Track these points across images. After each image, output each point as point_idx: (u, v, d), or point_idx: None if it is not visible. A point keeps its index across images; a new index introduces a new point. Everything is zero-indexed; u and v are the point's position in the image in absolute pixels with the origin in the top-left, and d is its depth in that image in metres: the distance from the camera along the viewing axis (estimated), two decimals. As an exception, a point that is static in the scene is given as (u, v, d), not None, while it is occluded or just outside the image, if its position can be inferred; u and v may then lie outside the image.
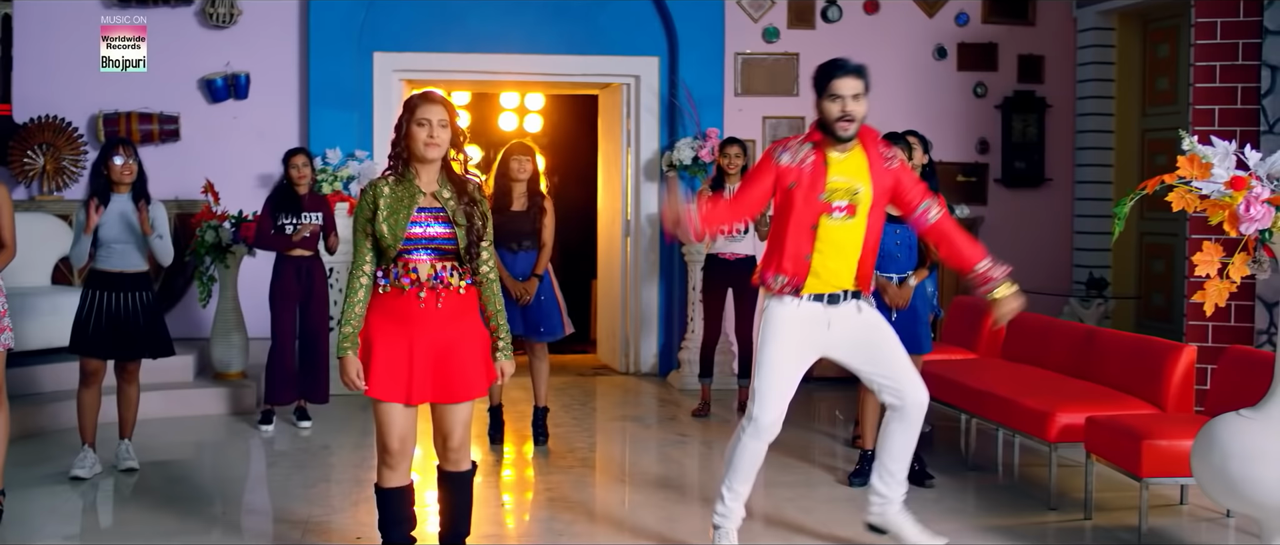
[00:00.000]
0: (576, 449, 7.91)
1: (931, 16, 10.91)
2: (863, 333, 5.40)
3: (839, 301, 5.33)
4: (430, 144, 4.68)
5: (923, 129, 10.71)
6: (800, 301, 5.31)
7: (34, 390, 8.37)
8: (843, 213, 5.22)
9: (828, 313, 5.32)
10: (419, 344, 4.72)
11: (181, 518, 6.25)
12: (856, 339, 5.40)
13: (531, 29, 10.45)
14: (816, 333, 5.34)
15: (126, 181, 6.85)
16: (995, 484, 7.11)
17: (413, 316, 4.71)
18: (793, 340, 5.34)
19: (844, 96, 5.16)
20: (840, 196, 5.21)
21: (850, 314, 5.36)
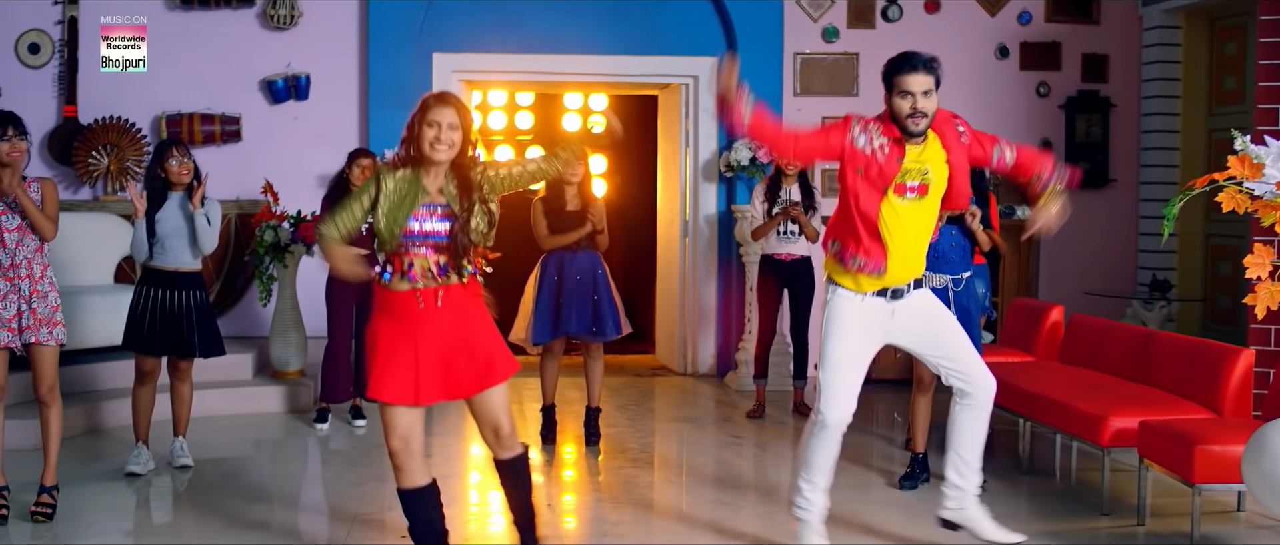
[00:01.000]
0: (628, 450, 7.89)
1: (994, 15, 10.79)
2: (925, 320, 5.36)
3: (903, 295, 5.29)
4: (437, 144, 4.70)
5: (985, 129, 10.52)
6: (864, 297, 5.27)
7: (93, 387, 8.49)
8: (914, 193, 5.15)
9: (892, 306, 5.29)
10: (424, 343, 4.73)
11: (232, 514, 6.32)
12: (920, 328, 5.36)
13: (590, 29, 10.45)
14: (881, 325, 5.31)
15: (183, 181, 6.92)
16: (1050, 489, 7.01)
17: (415, 316, 4.73)
18: (856, 335, 5.31)
19: (914, 93, 5.12)
20: (912, 177, 5.15)
21: (912, 305, 5.32)
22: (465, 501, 6.69)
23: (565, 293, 7.62)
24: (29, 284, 5.95)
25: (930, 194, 5.19)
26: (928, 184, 5.17)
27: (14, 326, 5.91)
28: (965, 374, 5.38)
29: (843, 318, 5.29)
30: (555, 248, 7.65)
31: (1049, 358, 8.10)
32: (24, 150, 5.94)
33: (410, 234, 4.71)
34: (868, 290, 5.26)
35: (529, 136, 13.30)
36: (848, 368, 5.29)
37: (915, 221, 5.20)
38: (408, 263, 4.72)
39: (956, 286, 6.73)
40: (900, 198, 5.15)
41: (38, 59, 9.96)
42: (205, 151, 10.03)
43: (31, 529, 5.97)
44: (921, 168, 5.16)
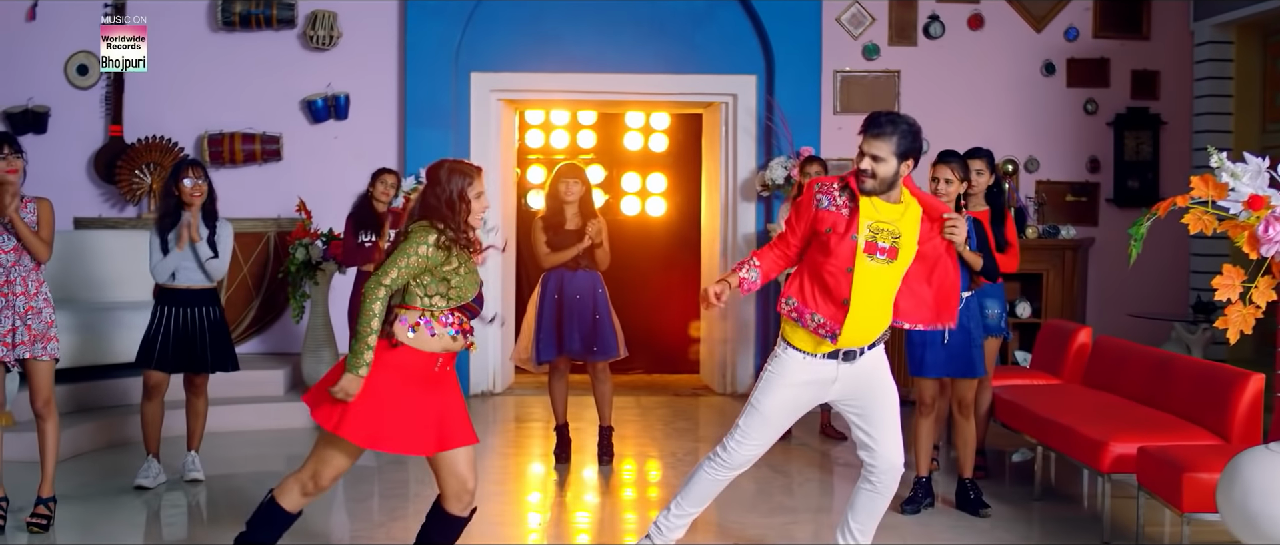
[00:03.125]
0: (642, 470, 7.86)
1: (1039, 31, 10.60)
2: (867, 384, 5.25)
3: (854, 358, 5.18)
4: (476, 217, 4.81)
5: (1030, 148, 10.51)
6: (812, 359, 5.17)
7: (126, 401, 8.63)
8: (884, 255, 5.07)
9: (837, 369, 5.18)
10: (426, 400, 4.78)
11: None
12: (857, 388, 5.26)
13: (629, 48, 10.45)
14: (822, 386, 5.24)
15: (196, 202, 7.01)
16: (1058, 515, 6.84)
17: (427, 377, 4.78)
18: (792, 394, 5.25)
19: (865, 153, 5.06)
20: (884, 238, 5.07)
21: (860, 370, 5.21)
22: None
23: (566, 311, 7.61)
24: (24, 301, 6.07)
25: (898, 261, 5.10)
26: (897, 249, 5.08)
27: (8, 342, 6.03)
28: (875, 449, 5.28)
29: (784, 375, 5.22)
30: (553, 266, 7.64)
31: (1074, 381, 7.92)
32: (20, 168, 6.06)
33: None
34: (821, 352, 5.15)
35: (591, 156, 13.31)
36: (773, 422, 5.28)
37: (881, 285, 5.11)
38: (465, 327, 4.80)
39: (957, 307, 6.59)
40: (870, 258, 5.06)
41: (86, 80, 10.20)
42: (246, 170, 10.21)
43: (28, 539, 6.09)
44: (894, 231, 5.08)
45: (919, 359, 6.65)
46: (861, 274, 5.05)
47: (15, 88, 10.14)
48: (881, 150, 5.03)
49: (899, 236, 5.07)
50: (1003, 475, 7.69)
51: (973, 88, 10.57)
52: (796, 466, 7.96)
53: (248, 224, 9.58)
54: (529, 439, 8.78)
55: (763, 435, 5.29)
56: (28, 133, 10.12)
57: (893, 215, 5.10)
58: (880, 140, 5.03)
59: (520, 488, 7.54)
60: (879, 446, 5.28)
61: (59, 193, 9.80)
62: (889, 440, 5.28)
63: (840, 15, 10.49)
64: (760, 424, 5.27)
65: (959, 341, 6.58)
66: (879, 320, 5.16)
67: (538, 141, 13.16)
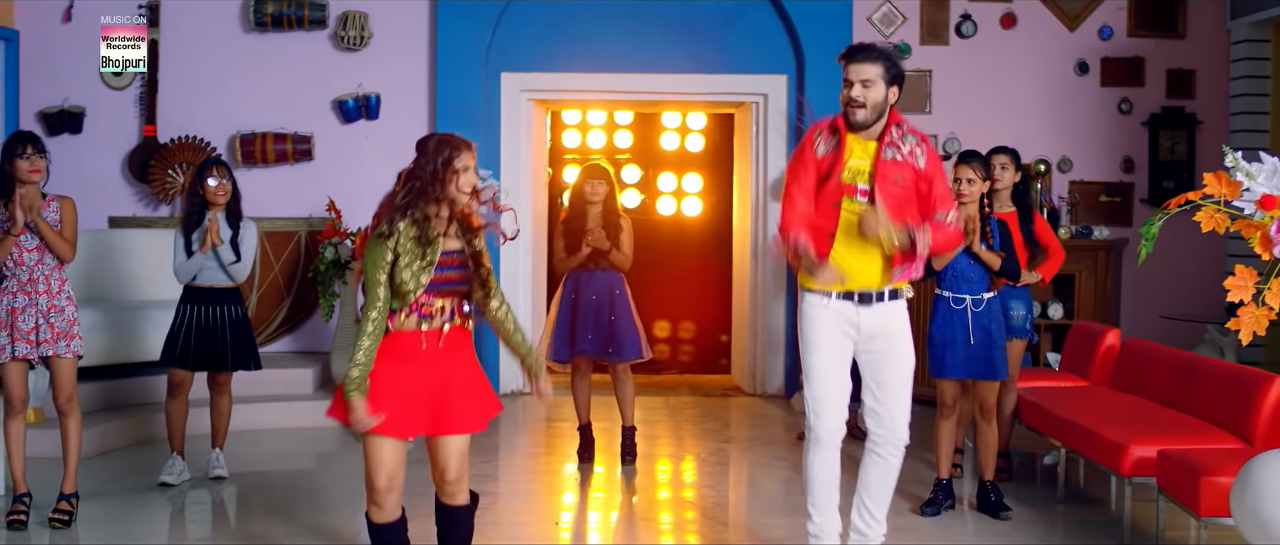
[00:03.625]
0: (663, 470, 7.86)
1: (1073, 30, 10.50)
2: (883, 339, 5.20)
3: (870, 302, 5.15)
4: (462, 191, 4.71)
5: (1063, 148, 10.43)
6: (830, 299, 5.15)
7: (155, 399, 8.69)
8: (864, 197, 5.05)
9: (858, 312, 5.15)
10: (418, 379, 4.72)
11: (261, 528, 6.45)
12: (873, 349, 5.22)
13: (658, 48, 10.44)
14: (848, 331, 5.19)
15: (220, 202, 7.06)
16: (1081, 519, 6.78)
17: (414, 356, 4.72)
18: (830, 342, 5.19)
19: (853, 82, 5.02)
20: (863, 178, 5.05)
21: (879, 319, 5.17)
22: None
23: (580, 312, 7.62)
24: (46, 299, 6.14)
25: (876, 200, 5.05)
26: (871, 192, 5.05)
27: (32, 339, 6.10)
28: (882, 415, 5.24)
29: (814, 325, 5.20)
30: (567, 269, 7.66)
31: (1102, 383, 7.85)
32: (43, 169, 6.13)
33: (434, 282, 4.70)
34: (836, 292, 5.13)
35: (627, 156, 13.31)
36: (831, 377, 5.19)
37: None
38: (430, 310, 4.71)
39: (977, 306, 6.55)
40: (851, 199, 5.07)
41: (120, 81, 10.29)
42: (277, 170, 10.28)
43: (50, 535, 6.16)
44: (864, 171, 5.07)
45: (939, 360, 6.61)
46: (847, 213, 5.05)
47: (51, 88, 10.24)
48: (870, 73, 5.02)
49: (859, 173, 5.06)
50: (1033, 478, 7.63)
51: (1005, 87, 10.49)
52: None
53: (279, 223, 9.64)
54: (555, 439, 8.78)
55: (832, 396, 5.20)
56: (63, 133, 10.24)
57: (863, 154, 5.07)
58: (867, 64, 5.02)
59: (541, 487, 7.55)
60: (885, 412, 5.24)
61: (94, 192, 10.03)
62: (896, 408, 5.25)
63: (871, 15, 10.44)
64: (821, 386, 5.19)
65: (980, 343, 6.54)
66: (871, 261, 5.10)
67: (574, 141, 13.19)
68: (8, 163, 6.09)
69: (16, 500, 6.25)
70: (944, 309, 6.59)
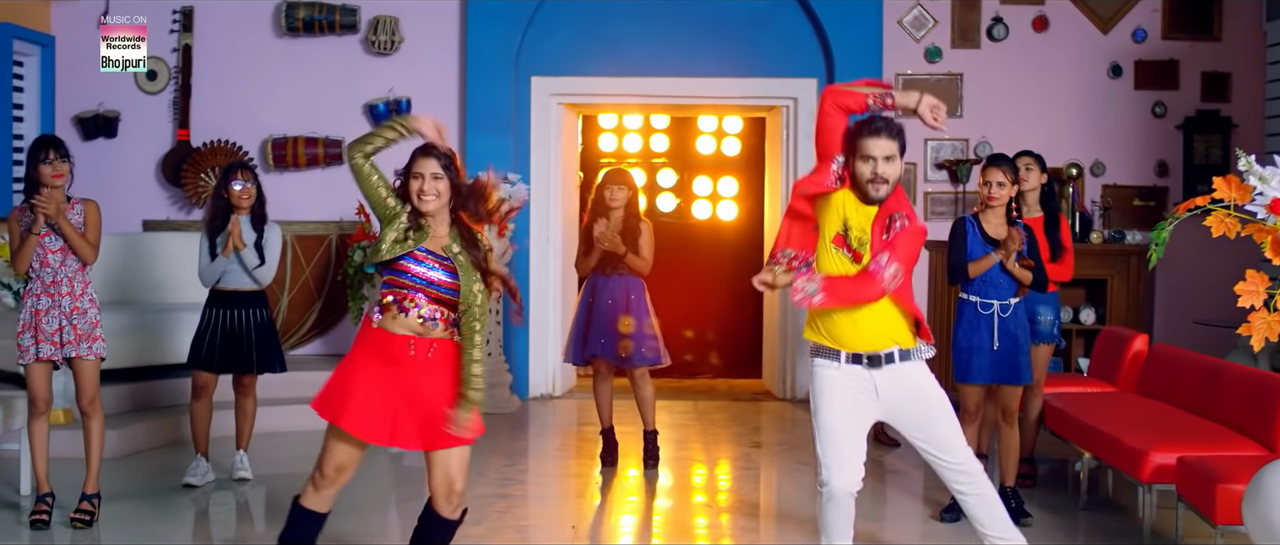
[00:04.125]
0: (686, 474, 7.86)
1: (1106, 33, 10.42)
2: (910, 403, 5.07)
3: (880, 364, 5.01)
4: (423, 195, 4.75)
5: (1096, 152, 10.35)
6: (841, 364, 5.04)
7: (185, 401, 8.72)
8: (850, 254, 4.95)
9: (872, 376, 5.01)
10: (407, 389, 4.72)
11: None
12: (906, 408, 5.09)
13: (688, 52, 10.44)
14: (866, 395, 5.04)
15: (244, 206, 7.12)
16: (1103, 526, 6.72)
17: (402, 361, 4.72)
18: (844, 401, 5.04)
19: (876, 157, 4.87)
20: (853, 239, 4.95)
21: (900, 382, 5.03)
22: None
23: (594, 316, 7.64)
24: (70, 301, 6.21)
25: (864, 262, 4.94)
26: (861, 255, 4.94)
27: (56, 340, 6.18)
28: (947, 462, 5.09)
29: (825, 385, 5.05)
30: (585, 271, 7.69)
31: (1129, 389, 7.78)
32: (66, 173, 6.19)
33: (411, 274, 4.71)
34: (840, 350, 5.02)
35: (663, 160, 13.32)
36: (843, 431, 5.01)
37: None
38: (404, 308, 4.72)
39: (1004, 312, 6.49)
40: (836, 250, 4.97)
41: (155, 85, 10.40)
42: (309, 174, 10.35)
43: (71, 535, 6.23)
44: (863, 236, 4.95)
45: (964, 365, 6.57)
46: (826, 262, 4.98)
47: (87, 93, 10.35)
48: (892, 149, 4.90)
49: (864, 242, 4.95)
50: (1062, 485, 7.56)
51: (1037, 91, 10.42)
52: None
53: (310, 227, 9.71)
54: (581, 442, 8.79)
55: (844, 450, 5.01)
56: (98, 137, 10.35)
57: (861, 214, 4.97)
58: (888, 140, 4.89)
59: (561, 491, 7.56)
60: (947, 456, 5.10)
61: (128, 196, 10.15)
62: (953, 450, 5.10)
63: (902, 17, 10.40)
64: (833, 440, 5.02)
65: (1005, 348, 6.48)
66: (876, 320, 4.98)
67: (610, 146, 13.21)
68: (32, 167, 6.16)
69: (40, 500, 6.33)
70: (970, 314, 6.55)
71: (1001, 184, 6.47)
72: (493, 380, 9.81)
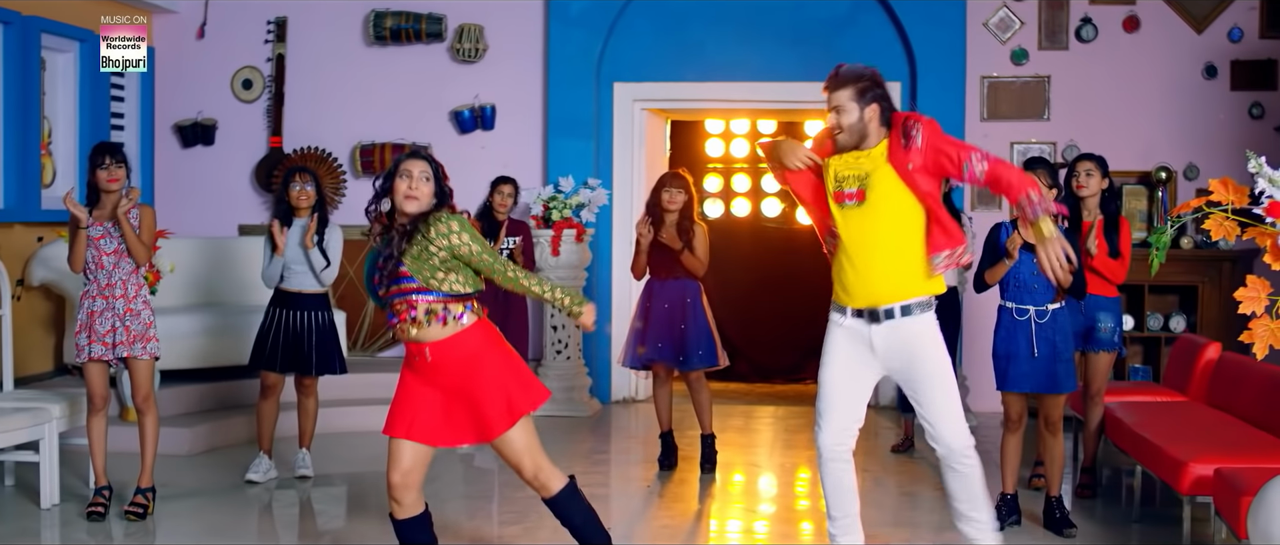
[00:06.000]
0: (742, 480, 7.86)
1: (1200, 33, 10.12)
2: (907, 359, 5.11)
3: (879, 319, 5.07)
4: (408, 197, 4.82)
5: (1190, 154, 10.09)
6: (844, 318, 5.15)
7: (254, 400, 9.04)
8: (852, 199, 5.03)
9: (869, 330, 5.09)
10: (437, 388, 4.87)
11: (342, 527, 6.73)
12: (902, 363, 5.13)
13: (770, 56, 10.42)
14: (864, 350, 5.13)
15: (304, 206, 7.33)
16: (1150, 539, 6.53)
17: (420, 367, 4.87)
18: (841, 358, 5.17)
19: (829, 109, 5.08)
20: (849, 183, 5.04)
21: (894, 337, 5.07)
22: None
23: (651, 320, 7.68)
24: (123, 303, 6.45)
25: (871, 200, 4.98)
26: (865, 189, 4.99)
27: (108, 341, 6.43)
28: (935, 433, 5.12)
29: (828, 341, 5.21)
30: (639, 270, 7.73)
31: (1199, 398, 7.57)
32: (121, 179, 6.43)
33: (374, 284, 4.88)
34: (847, 306, 5.12)
35: (744, 165, 13.31)
36: (835, 391, 5.16)
37: (864, 232, 5.03)
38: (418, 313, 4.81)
39: (1041, 318, 6.35)
40: (840, 206, 5.06)
41: (250, 94, 10.74)
42: (396, 179, 10.55)
43: (125, 527, 6.49)
44: (859, 173, 5.02)
45: (1003, 372, 6.45)
46: (843, 225, 5.05)
47: (186, 102, 10.74)
48: (840, 100, 5.03)
49: (867, 177, 4.99)
50: (1120, 496, 7.39)
51: (1127, 93, 10.18)
52: (896, 478, 7.82)
53: (394, 231, 9.90)
54: (648, 447, 8.81)
55: (833, 410, 5.18)
56: (197, 145, 10.72)
57: (860, 160, 5.04)
58: (836, 92, 5.04)
59: (610, 493, 7.57)
60: (937, 429, 5.14)
61: (224, 201, 10.50)
62: (945, 423, 5.12)
63: (987, 19, 10.24)
64: (825, 399, 5.20)
65: (1045, 355, 6.34)
66: (879, 273, 5.04)
67: (718, 151, 13.25)
68: (90, 173, 6.42)
69: (97, 493, 6.60)
70: (1007, 321, 6.44)
71: None
72: (570, 382, 9.93)
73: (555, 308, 5.03)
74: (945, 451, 5.15)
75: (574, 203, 9.92)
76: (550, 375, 9.86)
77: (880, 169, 5.00)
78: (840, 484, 5.27)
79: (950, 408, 5.12)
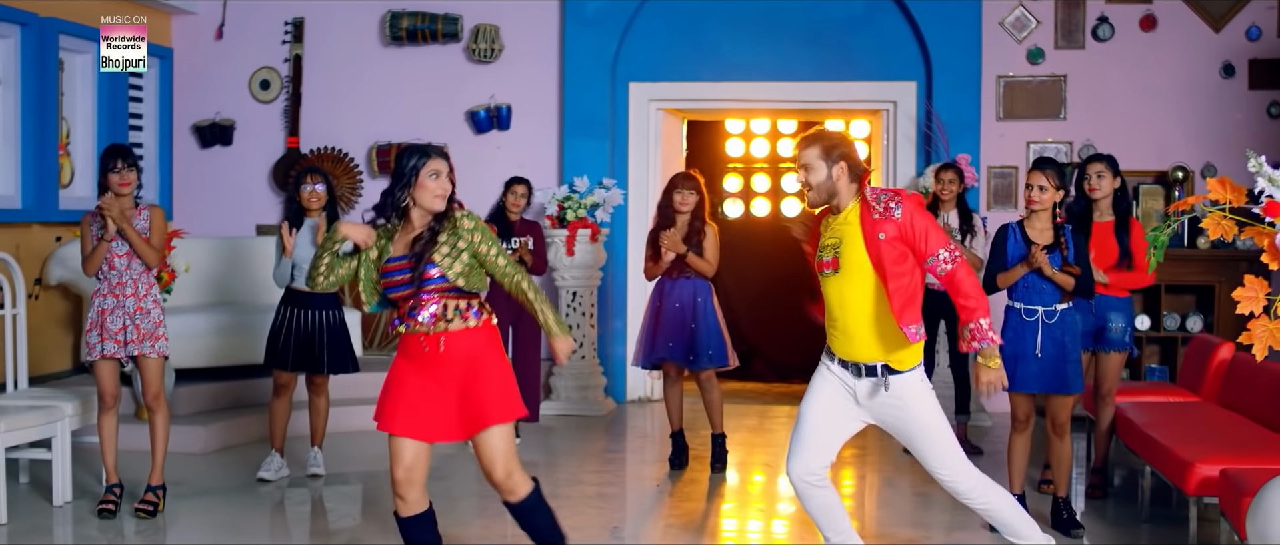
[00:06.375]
0: (754, 480, 7.87)
1: (1218, 31, 10.07)
2: (895, 416, 5.14)
3: (861, 375, 5.10)
4: (440, 195, 4.86)
5: (1207, 154, 10.04)
6: (833, 364, 5.19)
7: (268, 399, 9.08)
8: (828, 268, 5.08)
9: (855, 384, 5.12)
10: (435, 383, 4.89)
11: (348, 521, 6.82)
12: (892, 422, 5.17)
13: (786, 56, 10.41)
14: (850, 402, 5.18)
15: (315, 207, 7.37)
16: (1158, 540, 6.52)
17: (424, 358, 4.89)
18: (825, 398, 5.22)
19: (800, 166, 5.11)
20: (826, 252, 5.10)
21: (875, 391, 5.08)
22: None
23: (662, 320, 7.69)
24: (134, 302, 6.51)
25: (845, 268, 5.02)
26: (838, 258, 5.03)
27: (119, 340, 6.48)
28: (938, 480, 5.22)
29: (816, 378, 5.26)
30: (653, 276, 7.73)
31: (1211, 399, 7.53)
32: (133, 182, 6.48)
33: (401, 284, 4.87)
34: (835, 355, 5.16)
35: (764, 164, 13.31)
36: (811, 428, 5.21)
37: (842, 298, 5.06)
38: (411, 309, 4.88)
39: (1049, 318, 6.33)
40: (820, 274, 5.13)
41: (268, 94, 10.79)
42: (412, 179, 10.59)
43: (135, 523, 6.54)
44: (835, 241, 5.07)
45: (1011, 373, 6.39)
46: (825, 291, 5.14)
47: (204, 102, 10.81)
48: (807, 158, 5.06)
49: (840, 243, 5.03)
50: (1134, 496, 7.36)
51: (1144, 92, 10.13)
52: (909, 478, 7.81)
53: (410, 231, 9.94)
54: (661, 446, 8.81)
55: (804, 444, 5.21)
56: (216, 145, 10.79)
57: (836, 225, 5.10)
58: (804, 150, 5.08)
59: (618, 493, 7.58)
60: (940, 478, 5.22)
61: (242, 201, 10.55)
62: (945, 472, 5.18)
63: (1003, 19, 10.21)
64: (800, 432, 5.25)
65: (1051, 356, 6.32)
66: (855, 335, 5.06)
67: (738, 150, 13.25)
68: (102, 176, 6.47)
69: (108, 490, 6.66)
70: (1015, 321, 6.42)
71: (1043, 188, 6.32)
72: (585, 382, 9.95)
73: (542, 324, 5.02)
74: (955, 494, 5.25)
75: (589, 202, 9.94)
76: (565, 374, 9.90)
77: (852, 235, 5.03)
78: (824, 507, 5.34)
79: (947, 457, 5.16)
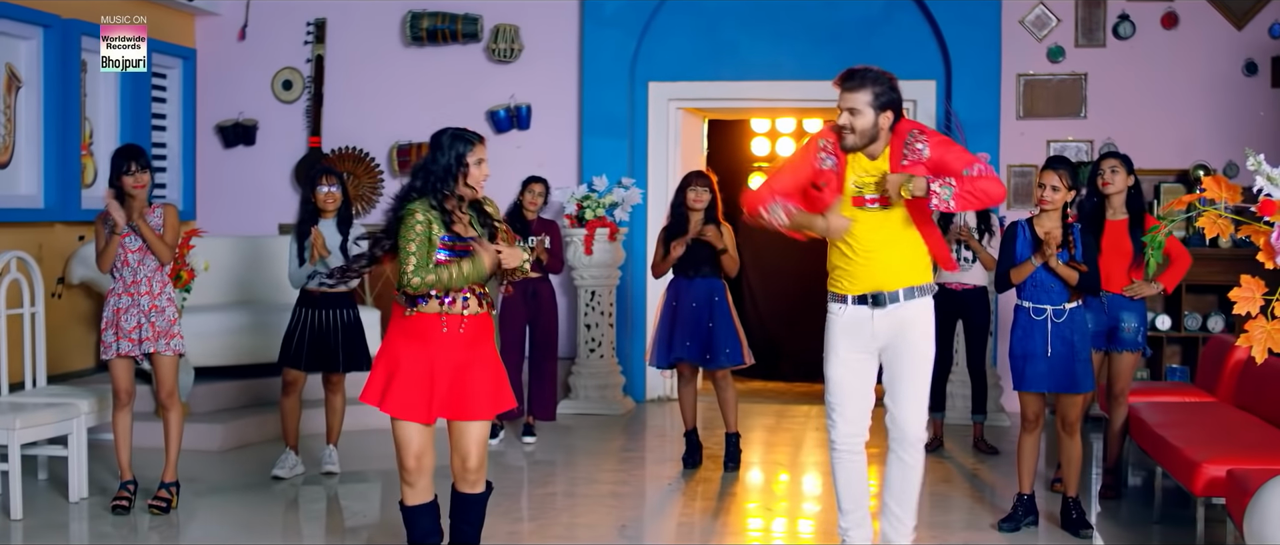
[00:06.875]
0: (773, 478, 7.88)
1: (1240, 29, 9.99)
2: (896, 337, 5.25)
3: (883, 303, 5.21)
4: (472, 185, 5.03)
5: (1229, 152, 9.98)
6: (845, 307, 5.28)
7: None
8: (875, 204, 5.15)
9: (872, 316, 5.23)
10: (438, 363, 4.92)
11: (372, 523, 6.85)
12: (889, 341, 5.27)
13: (804, 55, 10.39)
14: (864, 334, 5.27)
15: (330, 209, 7.42)
16: (1169, 540, 6.49)
17: (434, 339, 4.92)
18: (844, 351, 5.32)
19: (842, 109, 5.15)
20: (869, 189, 5.15)
21: (893, 320, 5.21)
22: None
23: (679, 319, 7.71)
24: (148, 300, 6.58)
25: (895, 206, 5.13)
26: (888, 197, 5.12)
27: (134, 337, 6.55)
28: (895, 413, 5.28)
29: (831, 332, 5.34)
30: (662, 271, 7.75)
31: (1227, 399, 7.49)
32: (147, 182, 6.55)
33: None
34: (847, 294, 5.24)
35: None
36: (844, 385, 5.31)
37: (880, 232, 5.18)
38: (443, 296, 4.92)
39: (1058, 317, 6.31)
40: (860, 209, 5.17)
41: (290, 94, 10.87)
42: (432, 179, 10.64)
43: (148, 519, 6.62)
44: (873, 178, 5.15)
45: (1020, 372, 6.43)
46: (858, 224, 5.17)
47: (227, 102, 10.89)
48: (856, 103, 5.10)
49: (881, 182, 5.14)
50: (1148, 497, 7.33)
51: (1165, 90, 10.07)
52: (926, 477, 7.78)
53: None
54: (676, 445, 8.83)
55: (845, 405, 5.34)
56: (238, 145, 10.87)
57: (868, 165, 5.17)
58: (854, 93, 5.10)
59: (630, 492, 7.56)
60: (899, 412, 5.30)
61: (264, 201, 10.63)
62: (908, 408, 5.29)
63: (1023, 17, 10.16)
64: (835, 393, 5.36)
65: (1061, 355, 6.31)
66: (894, 265, 5.18)
67: (764, 149, 13.24)
68: (116, 176, 6.54)
69: (123, 487, 6.73)
70: (1024, 320, 6.41)
71: (1056, 188, 6.29)
72: (604, 381, 9.98)
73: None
74: (898, 436, 5.31)
75: (607, 202, 9.95)
76: (584, 373, 9.93)
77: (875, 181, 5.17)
78: (851, 477, 5.42)
79: (917, 396, 5.28)
